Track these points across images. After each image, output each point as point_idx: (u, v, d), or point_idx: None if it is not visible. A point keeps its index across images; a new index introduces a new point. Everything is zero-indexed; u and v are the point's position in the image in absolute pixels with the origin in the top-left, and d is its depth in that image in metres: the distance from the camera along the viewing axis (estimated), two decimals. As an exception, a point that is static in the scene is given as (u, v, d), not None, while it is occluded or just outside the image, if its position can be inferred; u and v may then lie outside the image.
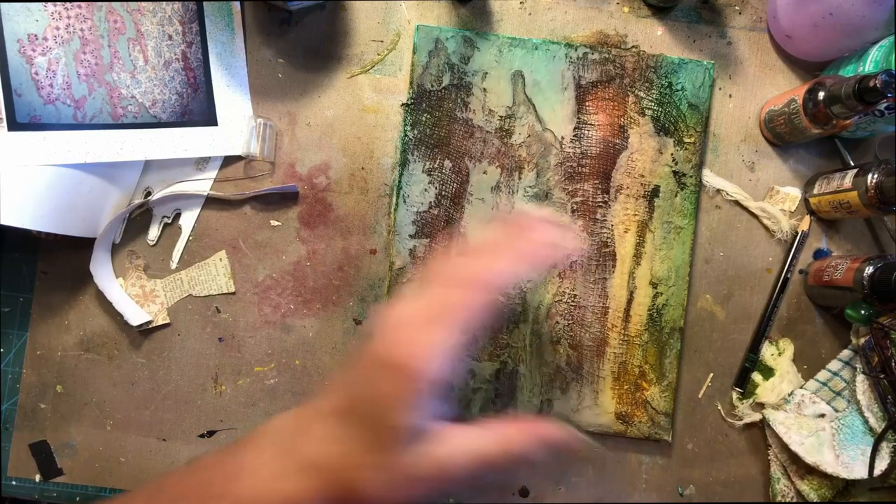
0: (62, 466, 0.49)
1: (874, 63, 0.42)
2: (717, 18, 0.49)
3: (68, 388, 0.49)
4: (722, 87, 0.49)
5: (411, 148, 0.47)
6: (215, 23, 0.48)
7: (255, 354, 0.49)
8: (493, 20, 0.49)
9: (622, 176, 0.47)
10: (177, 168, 0.48)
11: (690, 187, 0.47)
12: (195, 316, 0.49)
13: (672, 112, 0.47)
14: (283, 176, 0.49)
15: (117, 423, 0.49)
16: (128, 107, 0.46)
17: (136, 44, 0.46)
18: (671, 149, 0.47)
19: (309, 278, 0.48)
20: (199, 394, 0.49)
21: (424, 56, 0.47)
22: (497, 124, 0.47)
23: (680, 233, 0.47)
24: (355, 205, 0.49)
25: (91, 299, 0.49)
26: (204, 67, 0.48)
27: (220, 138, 0.48)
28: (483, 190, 0.47)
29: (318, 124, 0.49)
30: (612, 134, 0.47)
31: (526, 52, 0.47)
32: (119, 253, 0.49)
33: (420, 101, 0.47)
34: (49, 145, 0.44)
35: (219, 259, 0.48)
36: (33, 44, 0.44)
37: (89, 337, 0.49)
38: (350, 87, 0.49)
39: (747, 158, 0.49)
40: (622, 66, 0.47)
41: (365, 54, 0.49)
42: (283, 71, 0.49)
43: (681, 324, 0.47)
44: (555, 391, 0.47)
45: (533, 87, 0.47)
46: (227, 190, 0.48)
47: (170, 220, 0.49)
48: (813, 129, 0.43)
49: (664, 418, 0.47)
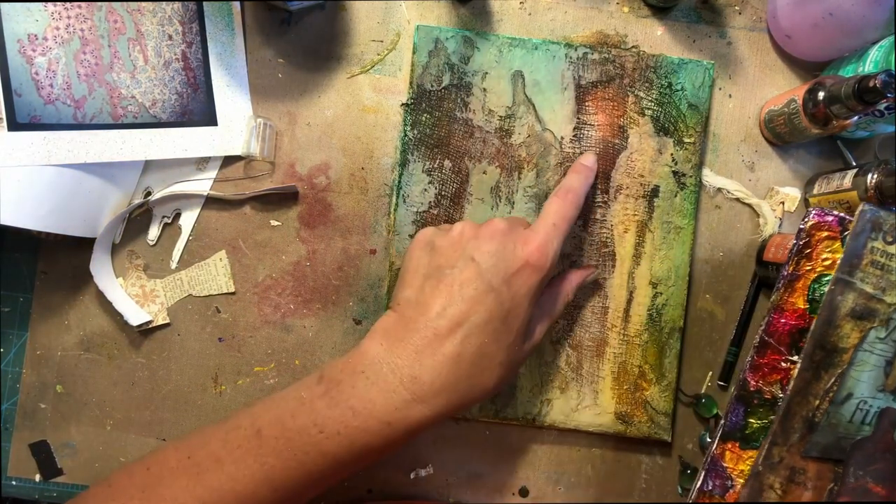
0: (62, 466, 0.49)
1: (874, 63, 0.42)
2: (717, 18, 0.49)
3: (68, 388, 0.49)
4: (722, 87, 0.49)
5: (411, 148, 0.47)
6: (215, 23, 0.48)
7: (255, 354, 0.49)
8: (493, 20, 0.49)
9: (622, 176, 0.47)
10: (177, 168, 0.48)
11: (690, 187, 0.47)
12: (195, 316, 0.49)
13: (672, 112, 0.47)
14: (283, 176, 0.49)
15: (117, 423, 0.49)
16: (128, 107, 0.46)
17: (136, 44, 0.46)
18: (671, 149, 0.47)
19: (309, 278, 0.49)
20: (199, 394, 0.49)
21: (424, 56, 0.47)
22: (497, 124, 0.47)
23: (680, 233, 0.47)
24: (355, 205, 0.49)
25: (91, 299, 0.49)
26: (204, 67, 0.48)
27: (220, 138, 0.48)
28: (483, 190, 0.47)
29: (318, 124, 0.49)
30: (612, 134, 0.47)
31: (526, 52, 0.47)
32: (119, 253, 0.49)
33: (420, 101, 0.47)
34: (49, 145, 0.44)
35: (219, 259, 0.48)
36: (33, 44, 0.44)
37: (89, 337, 0.49)
38: (350, 87, 0.49)
39: (747, 158, 0.49)
40: (622, 66, 0.47)
41: (365, 54, 0.49)
42: (283, 71, 0.49)
43: (680, 324, 0.47)
44: (555, 391, 0.47)
45: (533, 87, 0.47)
46: (227, 190, 0.48)
47: (170, 220, 0.49)
48: (813, 129, 0.43)
49: (664, 418, 0.47)
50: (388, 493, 0.49)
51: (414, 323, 0.36)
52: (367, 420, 0.34)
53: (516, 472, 0.49)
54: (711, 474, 0.39)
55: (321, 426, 0.34)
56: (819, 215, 0.38)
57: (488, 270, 0.36)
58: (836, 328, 0.36)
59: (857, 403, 0.36)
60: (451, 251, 0.38)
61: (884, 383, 0.36)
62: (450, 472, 0.49)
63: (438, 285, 0.37)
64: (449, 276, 0.37)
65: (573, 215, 0.41)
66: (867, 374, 0.36)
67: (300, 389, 0.37)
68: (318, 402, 0.35)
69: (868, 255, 0.36)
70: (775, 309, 0.39)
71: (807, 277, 0.38)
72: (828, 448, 0.36)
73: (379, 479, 0.49)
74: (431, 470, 0.49)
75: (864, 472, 0.36)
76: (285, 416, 0.35)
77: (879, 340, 0.36)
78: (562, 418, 0.47)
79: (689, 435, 0.49)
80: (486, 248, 0.37)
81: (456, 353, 0.35)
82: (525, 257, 0.37)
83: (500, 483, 0.49)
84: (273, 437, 0.35)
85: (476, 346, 0.35)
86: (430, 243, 0.39)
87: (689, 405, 0.49)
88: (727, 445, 0.39)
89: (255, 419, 0.36)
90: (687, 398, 0.49)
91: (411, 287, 0.38)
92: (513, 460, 0.49)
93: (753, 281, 0.48)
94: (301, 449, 0.34)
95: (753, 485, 0.37)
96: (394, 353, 0.36)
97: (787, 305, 0.39)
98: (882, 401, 0.36)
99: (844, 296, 0.36)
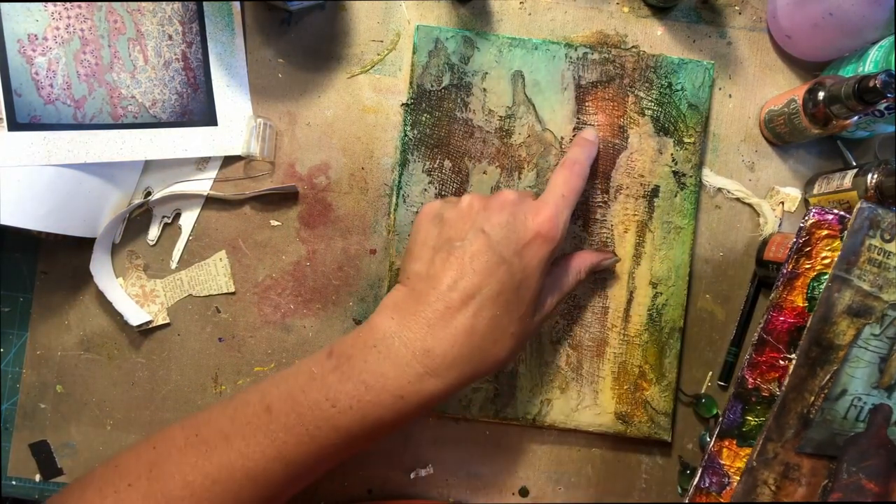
0: (62, 466, 0.49)
1: (874, 63, 0.42)
2: (717, 18, 0.49)
3: (68, 388, 0.49)
4: (722, 87, 0.49)
5: (411, 148, 0.47)
6: (215, 23, 0.48)
7: (254, 354, 0.49)
8: (493, 20, 0.49)
9: (622, 176, 0.47)
10: (177, 168, 0.48)
11: (690, 187, 0.47)
12: (195, 316, 0.49)
13: (672, 112, 0.47)
14: (283, 176, 0.49)
15: (117, 423, 0.49)
16: (128, 107, 0.46)
17: (136, 44, 0.46)
18: (671, 149, 0.47)
19: (309, 278, 0.49)
20: (199, 394, 0.49)
21: (424, 56, 0.47)
22: (497, 124, 0.47)
23: (680, 233, 0.47)
24: (355, 205, 0.49)
25: (91, 299, 0.49)
26: (204, 67, 0.48)
27: (220, 138, 0.48)
28: (483, 190, 0.47)
29: (318, 124, 0.49)
30: (612, 134, 0.47)
31: (526, 52, 0.47)
32: (119, 253, 0.49)
33: (420, 101, 0.47)
34: (49, 145, 0.44)
35: (219, 259, 0.48)
36: (33, 44, 0.44)
37: (89, 337, 0.49)
38: (350, 87, 0.49)
39: (747, 158, 0.49)
40: (622, 66, 0.47)
41: (365, 54, 0.49)
42: (283, 71, 0.49)
43: (680, 324, 0.47)
44: (555, 391, 0.47)
45: (533, 88, 0.47)
46: (227, 190, 0.48)
47: (170, 220, 0.49)
48: (813, 129, 0.43)
49: (664, 418, 0.47)
50: (388, 493, 0.49)
51: (425, 296, 0.36)
52: (379, 394, 0.34)
53: (516, 472, 0.49)
54: (709, 471, 0.39)
55: (333, 400, 0.34)
56: (819, 214, 0.38)
57: (499, 242, 0.36)
58: (832, 325, 0.36)
59: (851, 400, 0.36)
60: (460, 223, 0.38)
61: (878, 380, 0.36)
62: (450, 472, 0.49)
63: (449, 258, 0.36)
64: (459, 249, 0.36)
65: (580, 186, 0.41)
66: (861, 370, 0.36)
67: (310, 365, 0.36)
68: (330, 377, 0.35)
69: (865, 253, 0.36)
70: (774, 307, 0.39)
71: (806, 276, 0.38)
72: (822, 444, 0.36)
73: (379, 479, 0.49)
74: (431, 470, 0.49)
75: (857, 469, 0.36)
76: (296, 392, 0.35)
77: (874, 337, 0.36)
78: (562, 418, 0.47)
79: (689, 435, 0.49)
80: (496, 219, 0.37)
81: (469, 325, 0.35)
82: (536, 228, 0.37)
83: (500, 483, 0.49)
84: (284, 412, 0.34)
85: (488, 319, 0.35)
86: (438, 216, 0.39)
87: (689, 405, 0.49)
88: (724, 443, 0.39)
89: (264, 395, 0.36)
90: (687, 398, 0.49)
91: (420, 260, 0.38)
92: (513, 460, 0.49)
93: (753, 281, 0.48)
94: (313, 423, 0.34)
95: (747, 480, 0.37)
96: (405, 326, 0.35)
97: (786, 303, 0.39)
98: (876, 397, 0.37)
99: (841, 293, 0.36)
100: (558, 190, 0.39)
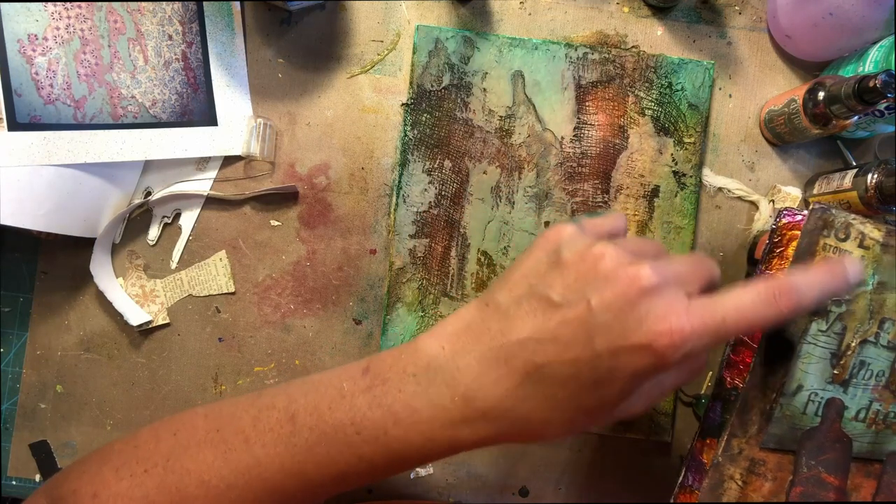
0: (62, 466, 0.49)
1: (874, 63, 0.42)
2: (717, 18, 0.49)
3: (68, 388, 0.49)
4: (722, 87, 0.49)
5: (411, 148, 0.47)
6: (215, 23, 0.48)
7: (255, 354, 0.49)
8: (493, 20, 0.49)
9: (622, 176, 0.47)
10: (177, 168, 0.48)
11: (690, 187, 0.47)
12: (195, 316, 0.49)
13: (672, 112, 0.47)
14: (283, 176, 0.49)
15: (117, 423, 0.49)
16: (128, 107, 0.46)
17: (136, 44, 0.46)
18: (671, 149, 0.47)
19: (309, 278, 0.49)
20: (199, 394, 0.49)
21: (424, 56, 0.47)
22: (497, 124, 0.47)
23: (680, 233, 0.47)
24: (355, 205, 0.49)
25: (91, 299, 0.49)
26: (204, 67, 0.48)
27: (220, 138, 0.48)
28: (483, 190, 0.47)
29: (318, 124, 0.49)
30: (612, 134, 0.47)
31: (526, 52, 0.47)
32: (119, 253, 0.49)
33: (420, 101, 0.47)
34: (49, 145, 0.44)
35: (219, 259, 0.48)
36: (33, 44, 0.44)
37: (89, 337, 0.49)
38: (350, 87, 0.49)
39: (747, 158, 0.49)
40: (622, 66, 0.47)
41: (365, 54, 0.49)
42: (283, 71, 0.49)
43: (681, 324, 0.47)
44: (555, 391, 0.47)
45: (533, 87, 0.47)
46: (227, 190, 0.48)
47: (170, 220, 0.49)
48: (813, 129, 0.43)
49: (664, 418, 0.47)
50: (388, 493, 0.49)
51: (490, 339, 0.31)
52: (408, 431, 0.31)
53: (516, 472, 0.49)
54: (692, 470, 0.39)
55: (359, 426, 0.32)
56: (790, 215, 0.39)
57: (598, 326, 0.29)
58: (788, 321, 0.37)
59: (808, 395, 0.37)
60: (572, 275, 0.31)
61: (832, 375, 0.37)
62: (450, 472, 0.49)
63: (537, 309, 0.30)
64: (553, 307, 0.30)
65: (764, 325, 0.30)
66: (814, 366, 0.37)
67: (342, 378, 0.33)
68: (360, 399, 0.32)
69: (821, 252, 0.37)
70: None
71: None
72: (783, 439, 0.37)
73: (379, 479, 0.49)
74: (431, 470, 0.49)
75: (815, 462, 0.37)
76: (322, 406, 0.33)
77: (821, 333, 0.37)
78: None
79: (689, 435, 0.49)
80: (610, 295, 0.29)
81: (522, 393, 0.30)
82: (649, 338, 0.28)
83: (500, 483, 0.49)
84: (308, 427, 0.33)
85: (547, 397, 0.30)
86: (557, 250, 0.32)
87: (689, 405, 0.49)
88: (706, 442, 0.39)
89: (290, 401, 0.34)
90: (687, 398, 0.49)
91: (510, 292, 0.32)
92: (513, 460, 0.49)
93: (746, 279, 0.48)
94: (335, 448, 0.32)
95: (714, 475, 0.37)
96: (455, 362, 0.31)
97: None
98: (832, 392, 0.37)
99: None
100: (720, 310, 0.29)
